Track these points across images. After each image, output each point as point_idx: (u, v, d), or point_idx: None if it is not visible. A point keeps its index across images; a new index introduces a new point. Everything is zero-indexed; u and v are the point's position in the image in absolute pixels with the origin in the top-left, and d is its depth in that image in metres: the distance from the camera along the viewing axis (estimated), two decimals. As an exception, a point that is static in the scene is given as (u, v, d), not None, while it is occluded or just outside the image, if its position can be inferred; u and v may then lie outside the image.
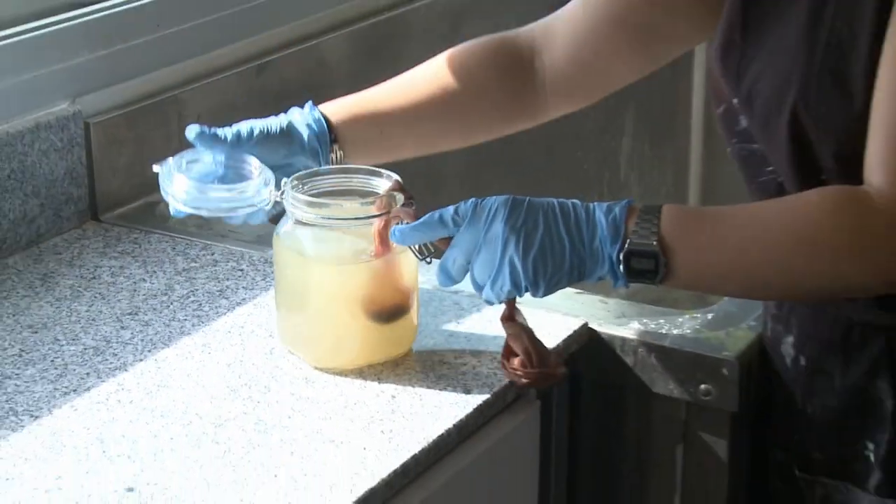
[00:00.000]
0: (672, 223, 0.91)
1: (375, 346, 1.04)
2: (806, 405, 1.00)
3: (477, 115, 1.13)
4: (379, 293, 1.02)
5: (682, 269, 0.91)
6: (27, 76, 1.28)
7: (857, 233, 0.88)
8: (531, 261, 0.92)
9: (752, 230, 0.90)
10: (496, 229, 0.92)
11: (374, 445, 0.96)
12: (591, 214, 0.93)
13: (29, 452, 0.96)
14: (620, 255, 0.91)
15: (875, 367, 0.96)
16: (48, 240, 1.29)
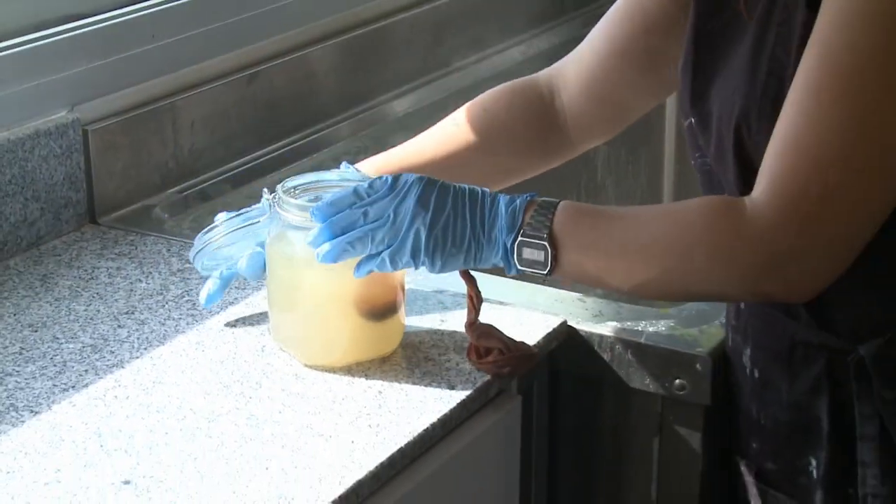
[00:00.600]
0: (564, 218, 0.94)
1: (365, 344, 1.06)
2: (760, 416, 1.01)
3: (511, 159, 1.15)
4: (368, 292, 1.04)
5: (568, 263, 0.94)
6: (27, 85, 1.30)
7: (727, 239, 0.89)
8: (433, 236, 0.95)
9: (635, 230, 0.93)
10: (408, 203, 0.95)
11: (361, 439, 0.98)
12: (496, 204, 0.96)
13: (29, 447, 0.97)
14: (514, 244, 0.94)
15: (816, 385, 0.96)
16: (48, 242, 1.30)
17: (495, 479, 1.11)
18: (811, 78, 0.86)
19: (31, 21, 1.33)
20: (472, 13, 1.82)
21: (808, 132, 0.85)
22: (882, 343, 0.92)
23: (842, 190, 0.86)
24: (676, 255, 0.90)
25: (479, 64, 1.82)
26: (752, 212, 0.88)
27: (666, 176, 2.07)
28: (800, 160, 0.86)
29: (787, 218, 0.87)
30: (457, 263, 0.97)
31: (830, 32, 0.85)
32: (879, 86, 0.84)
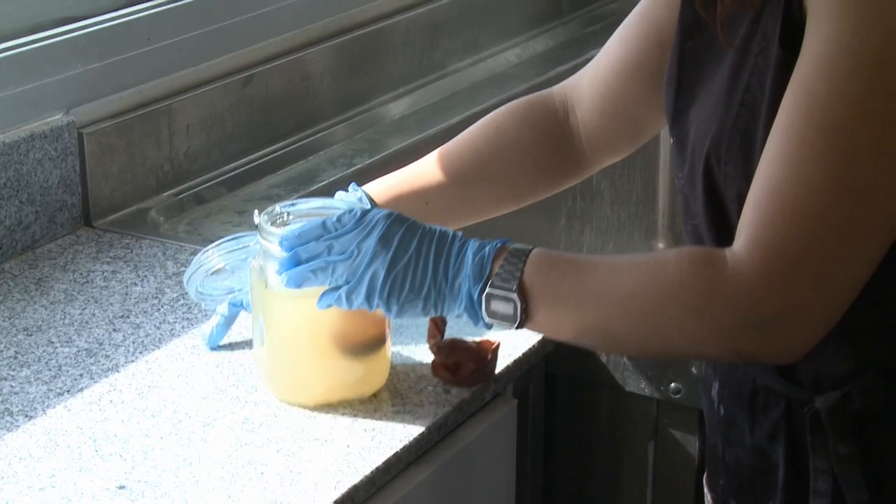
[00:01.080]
0: (536, 269, 0.89)
1: (342, 383, 1.01)
2: (725, 453, 0.97)
3: (522, 178, 1.11)
4: (346, 327, 0.99)
5: (540, 316, 0.89)
6: (22, 88, 1.30)
7: (705, 296, 0.83)
8: (390, 280, 0.91)
9: (610, 283, 0.87)
10: (370, 240, 0.91)
11: (357, 443, 0.98)
12: (464, 250, 0.91)
13: (24, 451, 0.97)
14: (482, 296, 0.89)
15: (775, 431, 0.92)
16: (43, 245, 1.30)
17: (491, 483, 1.11)
18: (793, 126, 0.82)
19: (26, 24, 1.34)
20: (467, 16, 1.82)
21: (790, 184, 0.82)
22: (839, 397, 0.88)
23: (824, 246, 0.82)
24: (653, 310, 0.85)
25: (474, 66, 1.82)
26: (733, 267, 0.83)
27: (661, 180, 2.07)
28: (781, 214, 0.82)
29: (768, 274, 0.82)
30: (415, 311, 0.92)
31: (813, 80, 0.82)
32: (864, 137, 0.81)
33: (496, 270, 0.89)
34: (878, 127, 0.81)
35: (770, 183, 0.83)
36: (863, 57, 0.81)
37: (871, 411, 0.88)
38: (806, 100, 0.82)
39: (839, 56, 0.81)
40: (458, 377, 1.03)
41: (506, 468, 1.13)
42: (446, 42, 1.79)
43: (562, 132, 1.11)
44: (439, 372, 1.03)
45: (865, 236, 0.82)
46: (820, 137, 0.81)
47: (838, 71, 0.81)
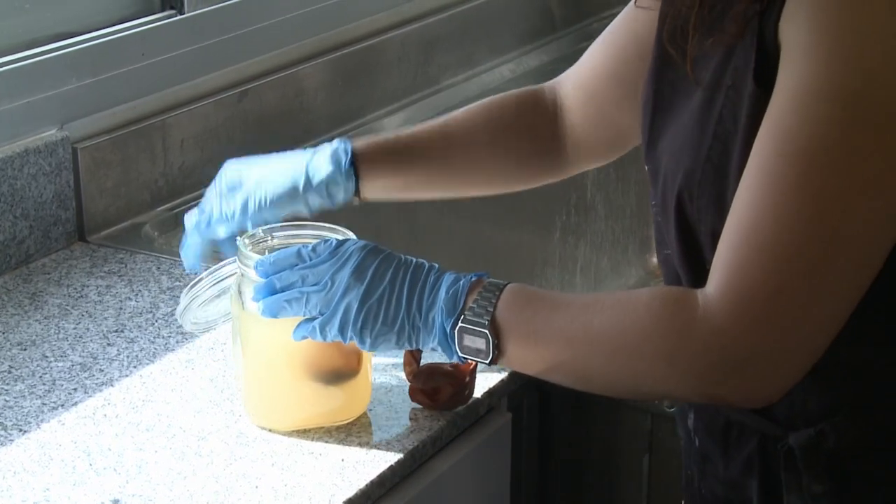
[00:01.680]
0: (509, 304, 0.88)
1: (317, 409, 1.00)
2: (700, 485, 0.95)
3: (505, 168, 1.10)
4: (323, 353, 0.98)
5: (512, 353, 0.88)
6: (17, 103, 1.30)
7: (676, 339, 0.82)
8: (363, 312, 0.90)
9: (581, 322, 0.85)
10: (344, 272, 0.90)
11: (351, 457, 0.98)
12: (438, 283, 0.90)
13: (17, 465, 0.97)
14: (454, 330, 0.89)
15: (748, 466, 0.90)
16: (37, 260, 1.31)
17: (486, 497, 1.12)
18: (767, 165, 0.80)
19: (21, 39, 1.34)
20: (461, 31, 1.83)
21: (763, 225, 0.80)
22: (813, 434, 0.87)
23: (797, 289, 0.79)
24: (623, 352, 0.84)
25: (468, 82, 1.83)
26: (705, 310, 0.81)
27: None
28: (753, 255, 0.80)
29: (740, 317, 0.80)
30: (389, 344, 0.91)
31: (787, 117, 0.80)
32: (839, 179, 0.79)
33: (469, 304, 0.89)
34: (854, 168, 0.78)
35: (743, 222, 0.81)
36: (839, 96, 0.78)
37: (845, 449, 0.87)
38: (780, 137, 0.80)
39: (815, 94, 0.79)
40: (436, 402, 1.03)
41: (500, 482, 1.13)
42: (440, 57, 1.79)
43: (551, 130, 1.10)
44: (417, 397, 1.03)
45: (841, 279, 0.80)
46: (794, 177, 0.79)
47: (813, 110, 0.79)
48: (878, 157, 0.78)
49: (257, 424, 1.02)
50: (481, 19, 1.87)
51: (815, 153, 0.79)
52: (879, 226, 0.80)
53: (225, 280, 1.03)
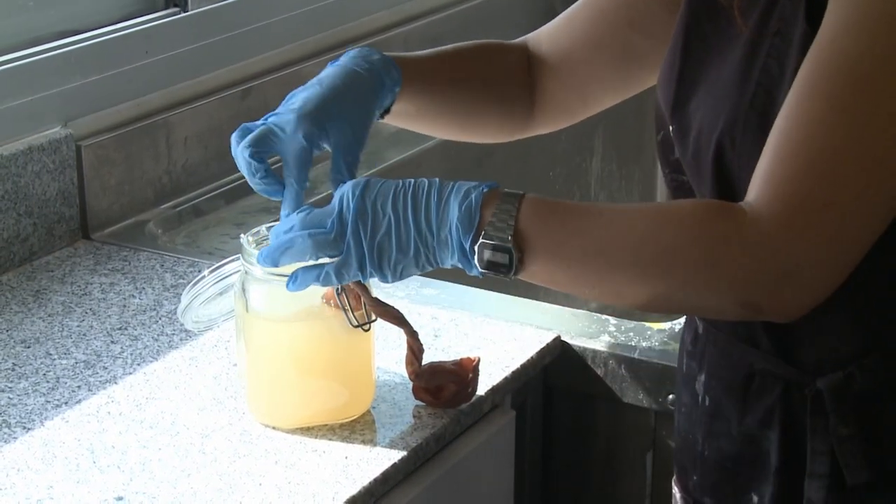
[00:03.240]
0: (531, 215, 0.85)
1: (323, 408, 1.00)
2: (704, 448, 0.95)
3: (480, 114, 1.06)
4: (326, 351, 0.98)
5: (537, 265, 0.85)
6: (21, 101, 1.30)
7: (723, 244, 0.82)
8: (376, 246, 0.87)
9: (619, 229, 0.84)
10: (347, 214, 0.88)
11: (355, 454, 0.98)
12: (446, 199, 0.87)
13: (21, 463, 0.98)
14: (474, 245, 0.85)
15: (768, 416, 0.90)
16: (41, 258, 1.31)
17: (489, 494, 1.12)
18: (817, 83, 0.81)
19: (25, 37, 1.34)
20: (463, 29, 1.83)
21: (813, 138, 0.81)
22: (841, 377, 0.87)
23: (846, 204, 0.81)
24: (668, 256, 0.83)
25: (471, 79, 1.83)
26: (752, 218, 0.82)
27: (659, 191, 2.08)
28: (804, 166, 0.81)
29: (789, 226, 0.81)
30: (410, 270, 0.88)
31: (840, 39, 0.81)
32: (891, 94, 0.81)
33: (488, 218, 0.85)
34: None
35: (790, 135, 0.82)
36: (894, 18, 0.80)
37: (873, 392, 0.88)
38: (832, 58, 0.81)
39: (869, 16, 0.80)
40: (439, 400, 1.03)
41: (504, 479, 1.13)
42: (444, 55, 1.79)
43: (522, 84, 1.07)
44: (421, 396, 1.03)
45: (884, 193, 0.82)
46: (845, 93, 0.81)
47: (868, 30, 0.80)
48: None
49: (261, 422, 1.02)
50: (483, 17, 1.87)
51: (869, 70, 0.80)
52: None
53: (227, 278, 1.03)
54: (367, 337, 1.00)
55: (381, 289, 1.22)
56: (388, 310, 0.99)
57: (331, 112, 0.95)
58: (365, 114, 0.97)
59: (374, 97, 0.97)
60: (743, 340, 0.92)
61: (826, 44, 0.82)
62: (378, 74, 0.98)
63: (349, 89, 0.96)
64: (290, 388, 1.00)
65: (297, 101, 0.97)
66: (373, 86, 0.97)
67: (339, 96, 0.96)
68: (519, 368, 1.10)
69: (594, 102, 1.07)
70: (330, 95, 0.96)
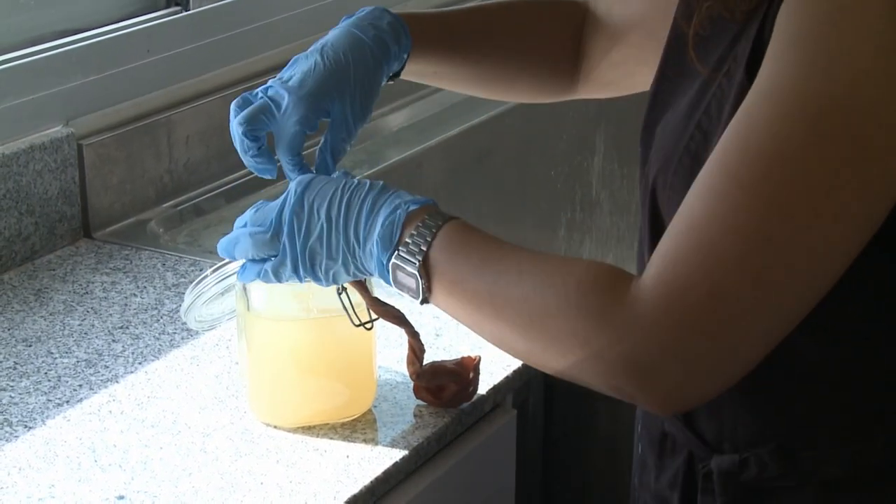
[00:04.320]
0: (446, 243, 0.82)
1: (324, 407, 1.00)
2: (638, 498, 0.93)
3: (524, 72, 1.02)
4: (327, 350, 0.98)
5: (440, 297, 0.83)
6: (22, 100, 1.30)
7: (595, 321, 0.75)
8: (308, 251, 0.86)
9: (509, 280, 0.79)
10: (285, 212, 0.87)
11: (356, 453, 0.98)
12: (377, 211, 0.84)
13: (23, 462, 0.98)
14: (388, 264, 0.84)
15: (674, 480, 0.87)
16: (42, 256, 1.31)
17: (490, 493, 1.12)
18: (727, 157, 0.73)
19: (26, 36, 1.34)
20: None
21: (711, 219, 0.73)
22: (736, 461, 0.82)
23: (732, 297, 0.73)
24: (541, 322, 0.78)
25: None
26: (632, 297, 0.75)
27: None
28: (694, 250, 0.73)
29: (665, 314, 0.73)
30: (342, 276, 0.87)
31: (756, 111, 0.73)
32: (799, 187, 0.72)
33: (405, 239, 0.83)
34: (818, 181, 0.72)
35: (691, 214, 0.74)
36: (814, 99, 0.72)
37: (762, 485, 0.83)
38: (745, 131, 0.73)
39: (789, 91, 0.72)
40: (441, 400, 1.03)
41: (505, 479, 1.13)
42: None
43: (566, 52, 1.03)
44: (422, 395, 1.03)
45: (783, 294, 0.73)
46: (749, 177, 0.72)
47: (787, 108, 0.72)
48: (847, 172, 0.72)
49: (262, 421, 1.02)
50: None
51: (777, 156, 0.72)
52: (834, 251, 0.73)
53: (229, 277, 1.03)
54: (368, 336, 1.00)
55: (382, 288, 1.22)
56: (389, 309, 0.99)
57: (330, 92, 0.93)
58: (368, 89, 0.94)
59: (380, 69, 0.94)
60: None
61: (743, 113, 0.74)
62: (384, 42, 0.94)
63: (352, 63, 0.93)
64: (292, 388, 1.00)
65: (296, 76, 0.94)
66: (378, 56, 0.94)
67: (341, 72, 0.93)
68: (520, 368, 1.10)
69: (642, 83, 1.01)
70: (330, 71, 0.93)
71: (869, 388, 0.81)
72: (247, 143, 0.93)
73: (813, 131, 0.72)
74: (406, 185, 1.60)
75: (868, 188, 0.73)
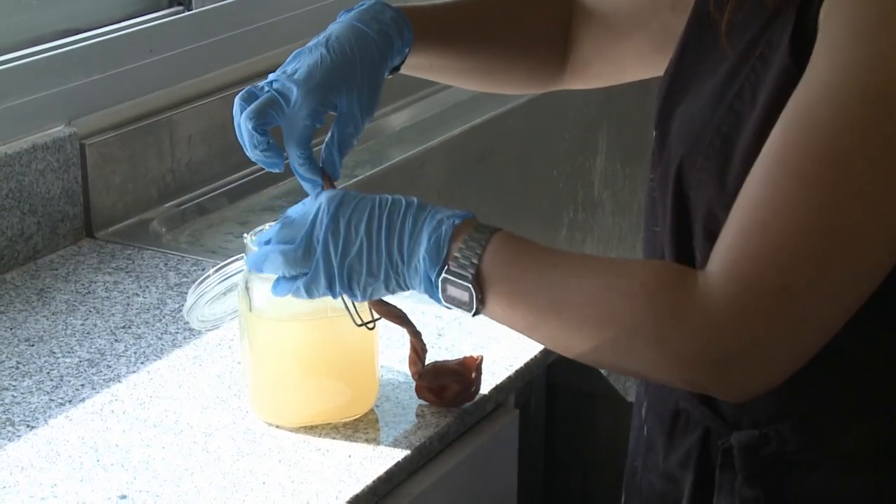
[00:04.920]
0: (497, 255, 0.83)
1: (326, 407, 1.00)
2: (641, 478, 0.93)
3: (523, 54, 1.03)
4: (329, 350, 0.98)
5: (495, 307, 0.83)
6: (25, 100, 1.30)
7: (669, 321, 0.77)
8: (346, 268, 0.86)
9: (569, 288, 0.81)
10: (319, 230, 0.86)
11: (358, 453, 0.98)
12: (419, 228, 0.85)
13: (25, 461, 0.98)
14: (438, 279, 0.84)
15: (687, 459, 0.88)
16: (45, 256, 1.31)
17: (493, 493, 1.12)
18: (790, 153, 0.76)
19: (28, 35, 1.34)
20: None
21: (778, 216, 0.76)
22: (756, 436, 0.84)
23: (803, 291, 0.76)
24: (610, 327, 0.79)
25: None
26: (704, 293, 0.77)
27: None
28: (764, 248, 0.76)
29: (740, 309, 0.76)
30: (380, 292, 0.87)
31: (818, 107, 0.75)
32: (865, 184, 0.75)
33: (454, 253, 0.83)
34: (883, 176, 0.75)
35: (755, 210, 0.77)
36: (878, 93, 0.74)
37: (784, 458, 0.85)
38: (808, 127, 0.76)
39: (854, 91, 0.75)
40: (443, 400, 1.03)
41: (507, 478, 1.13)
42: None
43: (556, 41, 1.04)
44: (424, 395, 1.03)
45: (846, 287, 0.77)
46: (817, 172, 0.75)
47: (848, 104, 0.75)
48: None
49: (264, 420, 1.02)
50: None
51: (845, 152, 0.75)
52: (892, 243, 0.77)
53: (232, 277, 1.03)
54: (370, 336, 1.00)
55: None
56: (391, 309, 0.99)
57: (338, 85, 0.93)
58: (373, 83, 0.94)
59: (383, 62, 0.95)
60: None
61: (802, 108, 0.76)
62: (388, 36, 0.95)
63: (358, 56, 0.93)
64: (294, 387, 1.01)
65: (302, 69, 0.94)
66: (382, 49, 0.94)
67: (347, 64, 0.93)
68: (522, 367, 1.10)
69: (630, 74, 1.04)
70: (337, 64, 0.93)
71: (892, 367, 0.83)
72: (256, 137, 0.92)
73: (876, 124, 0.75)
74: (408, 184, 1.61)
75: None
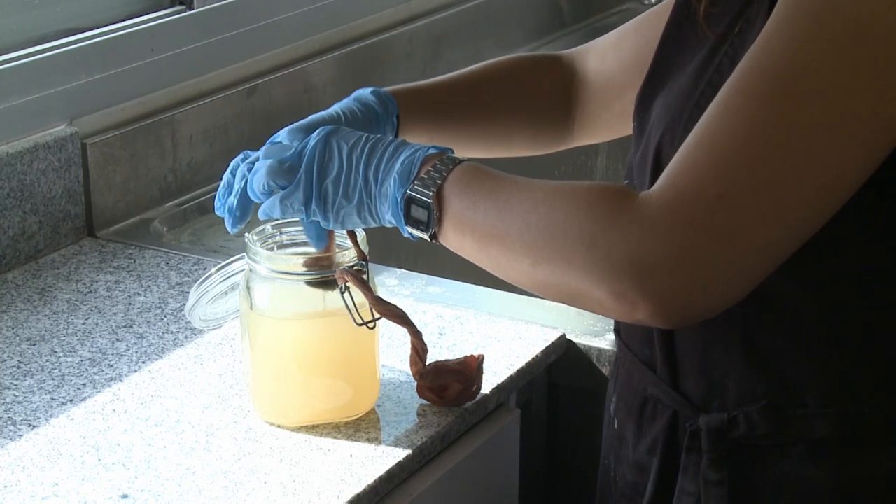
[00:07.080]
0: (459, 177, 0.83)
1: (327, 406, 1.00)
2: (615, 472, 0.93)
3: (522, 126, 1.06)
4: (330, 350, 0.99)
5: (449, 229, 0.83)
6: (26, 99, 1.30)
7: (602, 222, 0.76)
8: (323, 186, 0.88)
9: (520, 197, 0.81)
10: (307, 151, 0.88)
11: (360, 452, 0.98)
12: (397, 155, 0.86)
13: (27, 461, 0.98)
14: (403, 198, 0.85)
15: (654, 445, 0.88)
16: (46, 255, 1.31)
17: (494, 493, 1.12)
18: (745, 76, 0.75)
19: (30, 35, 1.34)
20: (470, 27, 1.83)
21: (723, 131, 0.74)
22: (724, 419, 0.83)
23: (740, 201, 0.73)
24: (550, 228, 0.78)
25: (477, 78, 1.83)
26: (641, 202, 0.76)
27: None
28: (705, 156, 0.74)
29: (672, 215, 0.74)
30: (351, 219, 0.88)
31: (773, 38, 0.75)
32: (815, 102, 0.73)
33: (421, 174, 0.84)
34: (836, 96, 0.73)
35: (703, 127, 0.76)
36: (840, 18, 0.73)
37: (751, 443, 0.84)
38: (761, 53, 0.75)
39: (812, 13, 0.74)
40: (444, 399, 1.03)
41: (508, 477, 1.13)
42: (448, 53, 1.79)
43: (564, 99, 1.06)
44: (425, 394, 1.03)
45: (791, 206, 0.74)
46: (767, 90, 0.74)
47: (802, 30, 0.74)
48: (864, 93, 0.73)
49: (265, 420, 1.02)
50: (489, 15, 1.87)
51: (793, 73, 0.74)
52: (843, 170, 0.74)
53: (233, 276, 1.03)
54: (371, 335, 1.00)
55: (385, 287, 1.22)
56: (392, 309, 0.99)
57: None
58: None
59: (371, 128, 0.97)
60: (644, 362, 0.89)
61: (758, 42, 0.76)
62: (372, 107, 0.98)
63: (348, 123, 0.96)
64: (295, 387, 1.01)
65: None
66: (369, 117, 0.98)
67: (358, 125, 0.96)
68: (524, 367, 1.10)
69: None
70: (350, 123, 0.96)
71: (860, 353, 0.82)
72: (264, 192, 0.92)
73: (832, 51, 0.74)
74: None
75: (884, 112, 0.74)
